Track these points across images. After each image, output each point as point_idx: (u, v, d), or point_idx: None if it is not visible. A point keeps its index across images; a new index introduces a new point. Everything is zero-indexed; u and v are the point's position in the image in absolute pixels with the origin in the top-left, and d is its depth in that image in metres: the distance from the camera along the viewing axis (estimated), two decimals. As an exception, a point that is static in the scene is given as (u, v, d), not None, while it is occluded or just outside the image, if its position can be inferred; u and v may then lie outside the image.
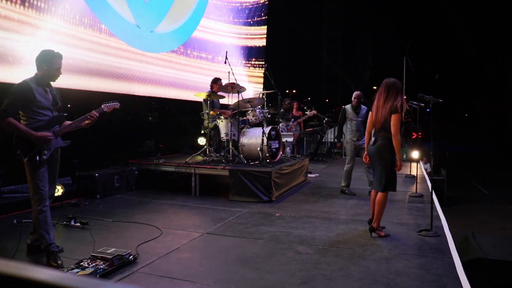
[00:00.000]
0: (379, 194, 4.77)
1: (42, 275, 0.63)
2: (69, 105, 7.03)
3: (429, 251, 4.33)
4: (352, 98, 7.41)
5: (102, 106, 4.23)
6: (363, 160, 5.17)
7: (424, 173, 10.20)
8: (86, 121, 4.08)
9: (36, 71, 3.91)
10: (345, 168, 7.51)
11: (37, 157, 3.78)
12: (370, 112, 4.95)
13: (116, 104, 4.34)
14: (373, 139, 4.83)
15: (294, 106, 11.14)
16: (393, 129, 4.56)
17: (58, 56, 3.96)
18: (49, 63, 3.88)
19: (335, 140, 7.71)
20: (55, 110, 3.98)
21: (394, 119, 4.55)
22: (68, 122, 4.08)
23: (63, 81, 6.51)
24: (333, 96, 35.80)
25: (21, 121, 3.80)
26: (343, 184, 7.53)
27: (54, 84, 4.05)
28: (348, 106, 7.42)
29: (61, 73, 4.00)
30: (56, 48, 6.30)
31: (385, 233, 4.82)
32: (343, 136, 7.94)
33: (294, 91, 37.15)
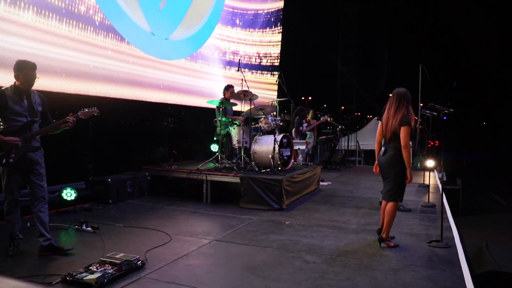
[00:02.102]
0: (389, 204, 4.75)
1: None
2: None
3: (438, 262, 4.29)
4: None
5: (79, 112, 4.41)
6: (374, 170, 5.13)
7: (438, 182, 10.08)
8: (63, 125, 4.32)
9: (15, 80, 4.18)
10: None
11: (4, 160, 4.04)
12: (379, 122, 4.94)
13: (94, 110, 4.49)
14: (383, 149, 4.81)
15: (310, 113, 11.16)
16: (402, 141, 4.54)
17: (31, 67, 4.21)
18: (22, 74, 4.15)
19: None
20: (30, 116, 4.23)
21: (403, 132, 4.53)
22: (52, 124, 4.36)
23: (81, 87, 6.70)
24: (348, 104, 35.70)
25: (0, 125, 4.14)
26: None
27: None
28: None
29: (34, 83, 4.23)
30: (73, 55, 6.50)
31: (394, 244, 4.79)
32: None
33: (309, 98, 37.13)
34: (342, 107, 37.98)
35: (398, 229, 5.44)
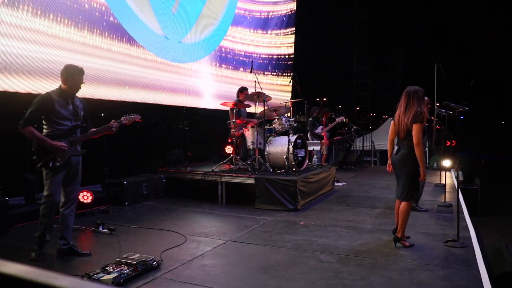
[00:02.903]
0: (403, 204, 4.72)
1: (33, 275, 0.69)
2: (102, 114, 7.27)
3: (455, 262, 4.25)
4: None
5: (122, 118, 4.48)
6: (387, 169, 5.10)
7: (455, 181, 9.96)
8: (106, 131, 4.36)
9: (61, 83, 4.20)
10: None
11: (50, 164, 4.07)
12: (392, 121, 4.91)
13: (137, 117, 4.56)
14: (396, 148, 4.80)
15: (325, 115, 11.11)
16: (414, 139, 4.52)
17: (80, 72, 4.23)
18: (71, 78, 4.16)
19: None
20: (75, 120, 4.26)
21: (415, 129, 4.51)
22: (94, 129, 4.40)
23: (96, 92, 6.80)
24: (364, 103, 35.44)
25: (44, 128, 4.15)
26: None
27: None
28: None
29: (80, 88, 4.26)
30: (89, 60, 6.59)
31: (409, 243, 4.76)
32: None
33: (324, 99, 36.95)
34: (357, 107, 37.73)
35: (414, 229, 5.40)
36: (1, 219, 5.05)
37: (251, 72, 7.82)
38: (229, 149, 9.00)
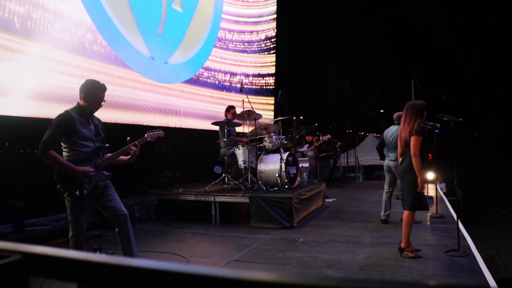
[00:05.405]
0: (405, 213, 4.80)
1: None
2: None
3: (460, 271, 4.28)
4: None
5: (146, 135, 4.11)
6: None
7: (441, 193, 10.11)
8: (131, 152, 3.97)
9: (79, 101, 3.80)
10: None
11: (77, 192, 3.65)
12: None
13: (161, 133, 4.21)
14: (399, 159, 4.92)
15: (311, 137, 11.18)
16: (412, 150, 4.64)
17: (102, 89, 3.83)
18: (92, 94, 3.77)
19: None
20: (97, 141, 3.86)
21: (413, 141, 4.64)
22: (109, 154, 3.99)
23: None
24: (342, 121, 35.84)
25: (64, 152, 3.70)
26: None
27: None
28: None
29: (102, 106, 3.87)
30: (68, 80, 6.44)
31: (416, 254, 4.79)
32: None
33: (301, 117, 37.25)
34: (334, 125, 38.15)
35: (412, 240, 5.38)
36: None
37: (241, 90, 7.83)
38: (218, 169, 8.93)
